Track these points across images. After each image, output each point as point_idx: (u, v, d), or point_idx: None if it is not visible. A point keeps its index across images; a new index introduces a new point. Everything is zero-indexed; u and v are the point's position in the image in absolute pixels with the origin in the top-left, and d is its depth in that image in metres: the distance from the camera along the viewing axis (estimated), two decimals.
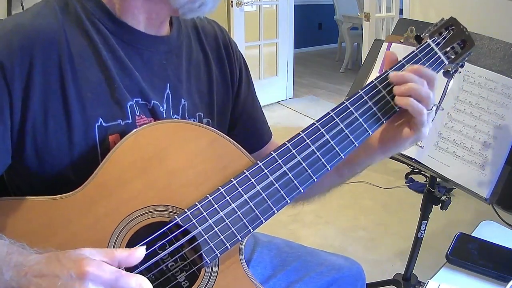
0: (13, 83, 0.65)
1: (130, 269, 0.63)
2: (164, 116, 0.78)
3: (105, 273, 0.52)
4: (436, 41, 0.80)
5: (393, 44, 1.29)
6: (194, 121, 0.82)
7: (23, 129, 0.67)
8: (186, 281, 0.72)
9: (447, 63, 0.80)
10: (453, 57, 0.81)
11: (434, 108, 0.75)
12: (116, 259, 0.56)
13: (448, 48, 0.81)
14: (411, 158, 1.19)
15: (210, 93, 0.86)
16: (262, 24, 4.04)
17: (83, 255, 0.54)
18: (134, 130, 0.70)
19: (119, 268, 0.55)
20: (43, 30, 0.68)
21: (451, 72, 0.84)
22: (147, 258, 0.68)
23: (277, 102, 4.37)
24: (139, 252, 0.58)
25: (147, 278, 0.69)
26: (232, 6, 3.71)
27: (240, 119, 0.92)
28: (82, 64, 0.70)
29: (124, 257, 0.57)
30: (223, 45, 0.89)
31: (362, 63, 1.70)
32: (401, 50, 1.26)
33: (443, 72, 0.83)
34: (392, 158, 1.36)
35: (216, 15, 0.80)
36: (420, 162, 1.18)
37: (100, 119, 0.71)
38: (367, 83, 0.76)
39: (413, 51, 0.79)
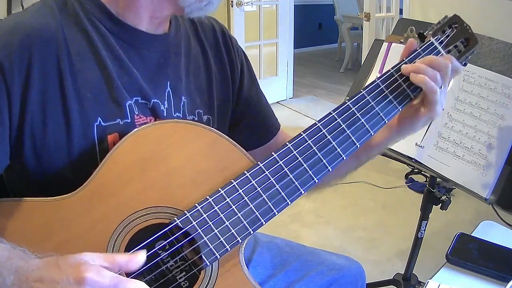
0: (12, 83, 0.65)
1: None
2: (165, 115, 0.77)
3: (103, 278, 0.52)
4: (439, 40, 0.79)
5: (393, 44, 1.29)
6: (194, 119, 0.82)
7: (22, 129, 0.67)
8: (186, 282, 0.72)
9: None
10: (456, 56, 0.80)
11: (446, 87, 0.77)
12: (116, 264, 0.56)
13: (451, 47, 0.80)
14: (411, 158, 1.19)
15: (209, 90, 0.85)
16: (262, 24, 4.03)
17: (82, 260, 0.54)
18: (134, 130, 0.70)
19: (120, 273, 0.55)
20: (42, 29, 0.67)
21: None
22: (148, 259, 0.68)
23: (277, 102, 4.37)
24: (140, 257, 0.58)
25: (148, 279, 0.69)
26: (232, 6, 3.70)
27: (245, 113, 0.92)
28: (81, 63, 0.70)
29: (125, 262, 0.56)
30: (222, 41, 0.89)
31: (362, 63, 1.70)
32: (401, 50, 1.25)
33: None
34: (392, 158, 1.36)
35: (216, 15, 0.80)
36: (420, 162, 1.18)
37: (99, 118, 0.71)
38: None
39: (416, 50, 0.78)
